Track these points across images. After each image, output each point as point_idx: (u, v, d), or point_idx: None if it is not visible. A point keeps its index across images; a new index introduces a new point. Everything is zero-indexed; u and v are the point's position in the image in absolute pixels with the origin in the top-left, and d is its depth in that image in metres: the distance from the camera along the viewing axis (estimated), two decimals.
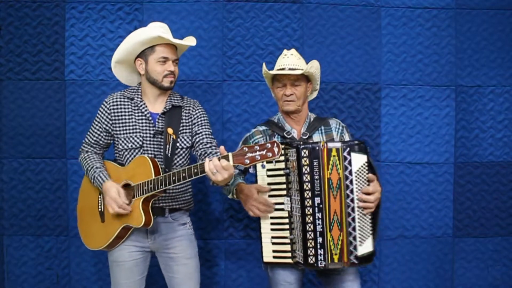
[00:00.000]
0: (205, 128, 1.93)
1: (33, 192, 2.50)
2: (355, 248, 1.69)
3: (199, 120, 1.94)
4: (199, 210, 2.50)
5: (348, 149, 1.69)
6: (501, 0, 2.56)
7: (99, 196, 1.91)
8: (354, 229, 1.69)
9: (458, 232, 2.58)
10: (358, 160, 1.70)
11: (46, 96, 2.48)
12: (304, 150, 1.69)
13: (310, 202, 1.69)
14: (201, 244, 2.49)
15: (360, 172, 1.70)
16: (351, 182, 1.69)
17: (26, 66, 2.47)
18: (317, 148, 1.69)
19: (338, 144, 1.70)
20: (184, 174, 1.64)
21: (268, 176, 1.80)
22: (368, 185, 1.72)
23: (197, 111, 1.95)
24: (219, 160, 1.55)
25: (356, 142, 1.71)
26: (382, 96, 2.55)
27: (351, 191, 1.69)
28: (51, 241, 2.50)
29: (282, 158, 1.76)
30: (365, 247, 1.70)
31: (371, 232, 1.72)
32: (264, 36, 2.51)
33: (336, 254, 1.69)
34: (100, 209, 1.90)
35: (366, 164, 1.71)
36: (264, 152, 1.50)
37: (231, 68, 2.51)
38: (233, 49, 2.51)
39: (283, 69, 1.90)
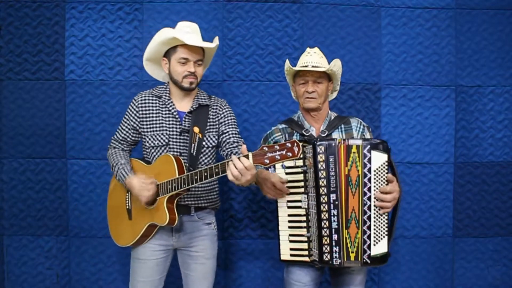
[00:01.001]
0: (232, 127, 1.94)
1: (33, 192, 2.50)
2: (368, 247, 1.68)
3: (226, 119, 1.94)
4: None
5: (369, 146, 1.68)
6: (501, 0, 2.56)
7: (127, 194, 1.93)
8: (369, 227, 1.69)
9: (458, 232, 2.58)
10: (378, 159, 1.69)
11: (46, 96, 2.48)
12: (320, 147, 1.69)
13: (325, 198, 1.69)
14: None
15: (379, 171, 1.70)
16: (369, 180, 1.69)
17: (26, 66, 2.47)
18: (333, 144, 1.69)
19: (359, 141, 1.70)
20: (206, 174, 1.64)
21: (287, 173, 1.80)
22: (387, 184, 1.71)
23: (224, 110, 1.95)
24: (240, 159, 1.52)
25: (377, 140, 1.71)
26: (382, 96, 2.55)
27: (369, 189, 1.69)
28: (51, 241, 2.50)
29: (301, 155, 1.76)
30: (379, 247, 1.70)
31: (386, 232, 1.72)
32: (264, 36, 2.51)
33: (353, 252, 1.69)
34: (127, 207, 1.92)
35: (386, 163, 1.71)
36: (284, 152, 1.48)
37: (231, 68, 2.51)
38: (233, 49, 2.51)
39: (306, 66, 1.89)
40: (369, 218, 1.69)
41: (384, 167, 1.70)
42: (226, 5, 2.49)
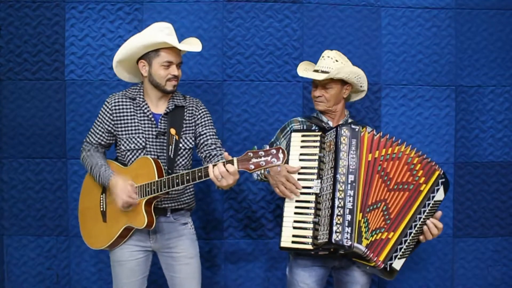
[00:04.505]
0: (209, 128, 1.92)
1: (33, 192, 2.50)
2: (395, 257, 1.71)
3: (202, 120, 1.92)
4: (198, 210, 2.50)
5: (443, 179, 1.76)
6: (501, 0, 2.56)
7: (101, 196, 1.90)
8: (405, 242, 1.72)
9: (458, 232, 2.58)
10: (441, 194, 1.77)
11: (46, 96, 2.48)
12: (344, 129, 1.72)
13: (343, 178, 1.68)
14: (201, 244, 2.48)
15: (434, 205, 1.75)
16: (429, 199, 1.75)
17: (26, 66, 2.47)
18: (356, 129, 1.72)
19: (439, 169, 1.77)
20: (188, 177, 1.63)
21: (300, 160, 1.80)
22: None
23: (200, 111, 1.93)
24: (225, 165, 1.54)
25: (448, 181, 1.79)
26: (382, 96, 2.55)
27: (422, 212, 1.74)
28: (51, 241, 2.50)
29: (318, 144, 1.78)
30: (398, 263, 1.73)
31: (408, 254, 1.75)
32: (264, 36, 2.51)
33: (366, 239, 1.67)
34: (102, 209, 1.90)
35: (440, 203, 1.77)
36: (269, 158, 1.50)
37: (231, 68, 2.51)
38: (233, 49, 2.51)
39: (317, 70, 1.95)
40: (410, 234, 1.72)
41: (437, 204, 1.76)
42: (226, 5, 2.49)
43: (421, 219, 1.73)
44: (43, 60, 2.47)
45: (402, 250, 1.72)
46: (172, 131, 1.85)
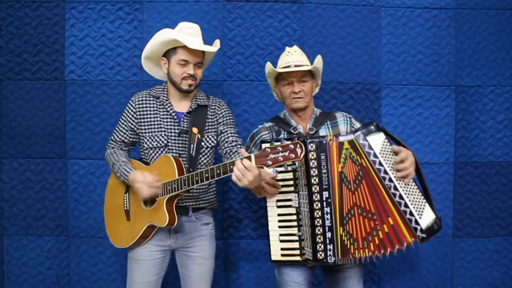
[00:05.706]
0: (230, 127, 1.94)
1: (33, 192, 2.50)
2: (416, 222, 1.63)
3: (224, 119, 1.95)
4: None
5: (362, 135, 1.65)
6: (501, 0, 2.56)
7: (125, 195, 1.92)
8: (406, 205, 1.63)
9: (458, 232, 2.58)
10: (377, 140, 1.66)
11: (46, 96, 2.48)
12: (311, 144, 1.67)
13: (318, 196, 1.66)
14: None
15: (384, 150, 1.66)
16: (380, 164, 1.64)
17: (26, 66, 2.47)
18: (324, 141, 1.66)
19: (351, 136, 1.66)
20: (207, 175, 1.64)
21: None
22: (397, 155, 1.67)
23: (222, 110, 1.96)
24: (242, 161, 1.53)
25: (367, 125, 1.68)
26: (382, 96, 2.55)
27: (385, 172, 1.64)
28: (51, 241, 2.50)
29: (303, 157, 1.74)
30: (426, 217, 1.65)
31: (424, 201, 1.67)
32: (264, 36, 2.51)
33: (357, 248, 1.65)
34: (125, 208, 1.91)
35: (386, 140, 1.67)
36: (287, 154, 1.48)
37: (231, 68, 2.51)
38: (233, 49, 2.51)
39: (288, 66, 1.87)
40: (401, 197, 1.64)
41: (386, 145, 1.66)
42: (226, 5, 2.49)
43: (392, 177, 1.64)
44: (43, 60, 2.47)
45: (416, 209, 1.64)
46: (195, 130, 1.87)
